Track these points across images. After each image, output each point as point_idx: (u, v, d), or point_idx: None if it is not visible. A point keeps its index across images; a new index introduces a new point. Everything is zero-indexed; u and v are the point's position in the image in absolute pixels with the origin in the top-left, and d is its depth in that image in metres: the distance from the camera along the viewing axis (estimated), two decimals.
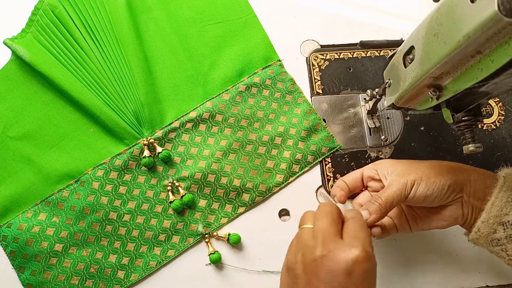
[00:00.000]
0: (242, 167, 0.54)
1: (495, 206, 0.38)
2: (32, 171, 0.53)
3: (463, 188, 0.40)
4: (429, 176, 0.40)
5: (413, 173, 0.40)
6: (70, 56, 0.56)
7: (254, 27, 0.61)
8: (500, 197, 0.38)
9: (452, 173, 0.40)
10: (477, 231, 0.39)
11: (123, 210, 0.52)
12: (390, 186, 0.40)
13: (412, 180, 0.40)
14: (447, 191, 0.39)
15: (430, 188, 0.39)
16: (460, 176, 0.40)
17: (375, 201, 0.40)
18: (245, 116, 0.56)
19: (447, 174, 0.40)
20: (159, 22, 0.60)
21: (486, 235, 0.39)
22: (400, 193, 0.39)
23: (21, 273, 0.50)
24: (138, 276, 0.50)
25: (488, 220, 0.38)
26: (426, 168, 0.40)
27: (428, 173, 0.40)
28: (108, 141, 0.54)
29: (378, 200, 0.40)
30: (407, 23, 0.62)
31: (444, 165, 0.41)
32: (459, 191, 0.40)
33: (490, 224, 0.38)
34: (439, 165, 0.41)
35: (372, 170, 0.45)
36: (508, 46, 0.27)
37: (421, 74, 0.37)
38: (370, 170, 0.45)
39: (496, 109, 0.58)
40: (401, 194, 0.39)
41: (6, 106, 0.55)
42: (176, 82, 0.57)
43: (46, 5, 0.57)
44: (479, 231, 0.39)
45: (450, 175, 0.40)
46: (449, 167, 0.41)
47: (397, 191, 0.40)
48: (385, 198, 0.40)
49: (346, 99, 0.58)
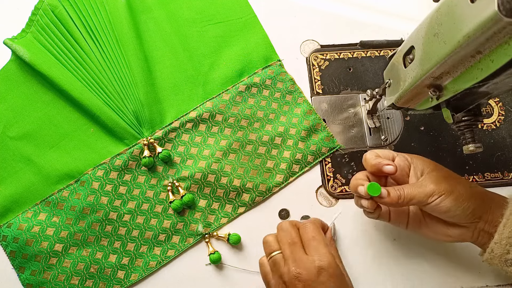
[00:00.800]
0: (242, 167, 0.54)
1: (507, 227, 0.38)
2: (32, 171, 0.53)
3: (482, 215, 0.40)
4: (460, 194, 0.39)
5: (446, 184, 0.39)
6: (70, 56, 0.56)
7: (254, 27, 0.61)
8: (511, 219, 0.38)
9: (479, 199, 0.40)
10: (491, 251, 0.39)
11: (123, 210, 0.52)
12: (418, 185, 0.40)
13: (442, 191, 0.39)
14: (469, 214, 0.39)
15: (454, 205, 0.39)
16: (485, 204, 0.40)
17: (398, 190, 0.40)
18: (245, 116, 0.56)
19: (476, 198, 0.40)
20: (159, 22, 0.60)
21: (499, 256, 0.39)
22: (424, 196, 0.39)
23: (21, 273, 0.50)
24: (138, 276, 0.50)
25: (500, 241, 0.39)
26: (460, 185, 0.40)
27: (460, 191, 0.39)
28: (108, 141, 0.54)
29: (401, 191, 0.40)
30: (407, 23, 0.62)
31: (475, 188, 0.41)
32: (478, 217, 0.40)
33: (503, 245, 0.39)
34: (471, 187, 0.41)
35: (405, 161, 0.44)
36: (508, 46, 0.27)
37: (421, 74, 0.37)
38: (404, 160, 0.44)
39: (496, 109, 0.58)
40: (424, 198, 0.39)
41: (6, 106, 0.55)
42: (176, 82, 0.57)
43: (46, 5, 0.57)
44: (493, 251, 0.39)
45: (478, 201, 0.40)
46: (479, 192, 0.41)
47: (422, 194, 0.39)
48: (407, 193, 0.40)
49: (346, 99, 0.58)
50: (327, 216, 0.51)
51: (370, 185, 0.41)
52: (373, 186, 0.40)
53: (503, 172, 0.55)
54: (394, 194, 0.40)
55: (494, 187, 0.55)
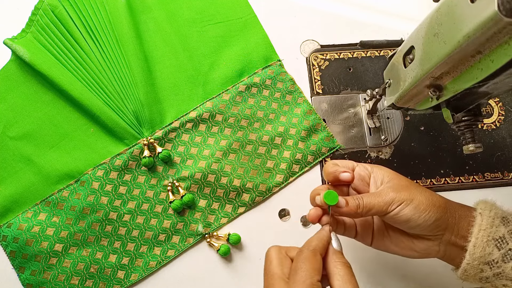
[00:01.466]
0: (242, 167, 0.54)
1: (477, 247, 0.37)
2: (32, 171, 0.53)
3: (447, 228, 0.38)
4: (420, 202, 0.37)
5: (406, 193, 0.38)
6: (70, 56, 0.56)
7: (254, 27, 0.61)
8: (480, 237, 0.37)
9: (442, 208, 0.38)
10: (464, 272, 0.38)
11: (123, 210, 0.52)
12: (378, 194, 0.38)
13: (401, 199, 0.37)
14: (432, 224, 0.37)
15: (415, 214, 0.37)
16: (448, 214, 0.38)
17: (357, 199, 0.38)
18: (245, 116, 0.56)
19: (438, 208, 0.38)
20: (159, 22, 0.60)
21: (473, 275, 0.38)
22: (383, 205, 0.37)
23: (21, 273, 0.50)
24: (138, 276, 0.50)
25: (472, 262, 0.37)
26: (421, 194, 0.38)
27: (420, 199, 0.38)
28: (108, 141, 0.54)
29: (359, 200, 0.38)
30: (407, 23, 0.62)
31: (438, 198, 0.39)
32: (443, 229, 0.38)
33: (476, 265, 0.37)
34: (433, 196, 0.39)
35: (365, 170, 0.42)
36: (508, 46, 0.27)
37: (421, 74, 0.37)
38: (364, 169, 0.42)
39: (496, 109, 0.58)
40: (383, 207, 0.37)
41: (6, 106, 0.55)
42: (176, 82, 0.57)
43: (46, 5, 0.57)
44: (466, 272, 0.38)
45: (441, 211, 0.38)
46: (441, 202, 0.39)
47: (382, 202, 0.37)
48: (366, 202, 0.38)
49: (346, 99, 0.58)
50: None
51: (327, 193, 0.37)
52: (330, 195, 0.37)
53: (503, 172, 0.55)
54: (353, 203, 0.37)
55: (494, 187, 0.55)
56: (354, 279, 0.34)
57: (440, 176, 0.55)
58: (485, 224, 0.37)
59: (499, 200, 0.40)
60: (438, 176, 0.55)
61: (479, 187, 0.55)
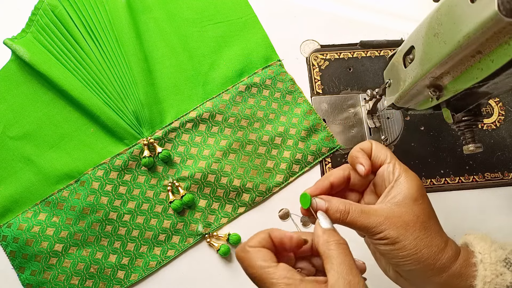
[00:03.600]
0: (242, 167, 0.54)
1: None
2: (32, 171, 0.53)
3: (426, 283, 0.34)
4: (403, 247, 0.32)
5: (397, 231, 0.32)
6: (70, 56, 0.56)
7: (254, 27, 0.61)
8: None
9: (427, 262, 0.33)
10: None
11: (123, 210, 0.52)
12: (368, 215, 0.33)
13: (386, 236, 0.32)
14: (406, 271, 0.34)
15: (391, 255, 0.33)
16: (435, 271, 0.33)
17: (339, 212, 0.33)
18: (245, 116, 0.56)
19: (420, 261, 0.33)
20: (159, 22, 0.60)
21: None
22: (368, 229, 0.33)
23: (21, 273, 0.50)
24: (138, 276, 0.50)
25: None
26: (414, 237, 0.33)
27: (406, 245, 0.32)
28: (108, 141, 0.54)
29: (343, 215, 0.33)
30: (407, 23, 0.62)
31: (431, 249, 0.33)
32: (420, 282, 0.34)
33: None
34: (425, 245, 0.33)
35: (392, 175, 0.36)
36: (508, 46, 0.27)
37: (421, 74, 0.37)
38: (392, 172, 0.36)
39: (496, 109, 0.58)
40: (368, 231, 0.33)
41: (6, 106, 0.55)
42: (176, 82, 0.57)
43: (46, 5, 0.57)
44: None
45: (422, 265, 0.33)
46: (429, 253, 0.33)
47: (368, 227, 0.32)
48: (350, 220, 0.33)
49: (346, 99, 0.58)
50: None
51: (302, 196, 0.34)
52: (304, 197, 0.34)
53: (503, 172, 0.55)
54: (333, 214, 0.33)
55: (494, 187, 0.55)
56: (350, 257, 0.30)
57: (440, 176, 0.55)
58: (490, 274, 0.33)
59: (499, 200, 0.40)
60: (438, 176, 0.55)
61: (479, 187, 0.55)
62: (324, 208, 0.33)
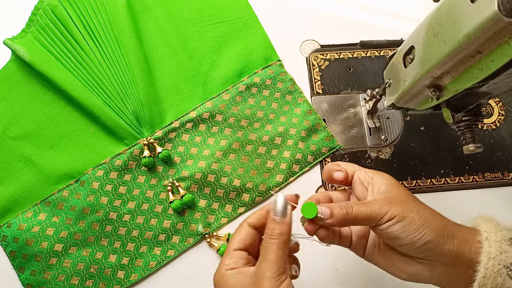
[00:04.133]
0: (242, 167, 0.54)
1: (488, 277, 0.34)
2: (32, 171, 0.53)
3: (441, 254, 0.35)
4: (413, 220, 0.34)
5: (400, 208, 0.35)
6: (70, 56, 0.56)
7: (254, 27, 0.61)
8: (490, 266, 0.34)
9: (438, 231, 0.35)
10: None
11: (123, 210, 0.52)
12: (369, 204, 0.35)
13: (393, 214, 0.34)
14: (421, 246, 0.34)
15: (404, 232, 0.34)
16: (445, 239, 0.35)
17: (344, 208, 0.35)
18: (245, 116, 0.56)
19: (432, 230, 0.34)
20: (159, 22, 0.60)
21: None
22: (374, 217, 0.34)
23: (21, 273, 0.50)
24: (138, 276, 0.50)
25: None
26: (417, 212, 0.35)
27: (414, 218, 0.34)
28: (108, 141, 0.54)
29: (348, 209, 0.35)
30: (407, 23, 0.62)
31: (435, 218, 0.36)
32: (434, 255, 0.35)
33: None
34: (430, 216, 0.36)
35: (365, 176, 0.39)
36: (508, 46, 0.27)
37: (421, 74, 0.37)
38: (364, 174, 0.39)
39: (496, 109, 0.58)
40: (373, 219, 0.34)
41: (6, 106, 0.55)
42: (176, 82, 0.57)
43: (46, 5, 0.57)
44: None
45: (435, 233, 0.34)
46: (439, 224, 0.35)
47: (372, 214, 0.34)
48: (355, 212, 0.34)
49: (346, 99, 0.58)
50: None
51: (305, 206, 0.33)
52: (308, 207, 0.33)
53: (503, 172, 0.55)
54: (339, 212, 0.34)
55: (494, 187, 0.55)
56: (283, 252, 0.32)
57: (440, 176, 0.55)
58: (494, 251, 0.34)
59: (499, 200, 0.40)
60: (438, 176, 0.55)
61: (479, 187, 0.55)
62: (328, 213, 0.34)
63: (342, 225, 0.36)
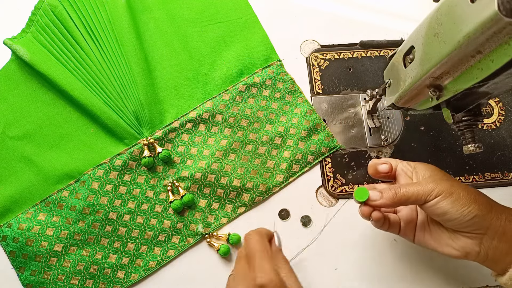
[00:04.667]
0: (242, 167, 0.54)
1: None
2: (32, 171, 0.53)
3: (489, 228, 0.37)
4: (460, 196, 0.37)
5: (447, 185, 0.37)
6: (70, 56, 0.56)
7: (254, 27, 0.61)
8: None
9: (484, 207, 0.37)
10: (510, 279, 0.36)
11: (123, 210, 0.52)
12: (416, 184, 0.38)
13: (441, 190, 0.37)
14: (470, 220, 0.36)
15: (452, 208, 0.36)
16: (493, 215, 0.37)
17: (393, 189, 0.38)
18: (245, 116, 0.56)
19: (480, 205, 0.37)
20: (159, 22, 0.60)
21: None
22: (422, 194, 0.37)
23: (21, 273, 0.50)
24: (138, 276, 0.50)
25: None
26: (462, 189, 0.37)
27: (462, 194, 0.37)
28: (108, 141, 0.54)
29: (396, 189, 0.38)
30: (407, 23, 0.62)
31: (481, 196, 0.38)
32: (483, 228, 0.37)
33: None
34: (476, 193, 0.38)
35: (408, 166, 0.42)
36: (508, 46, 0.27)
37: (421, 74, 0.37)
38: (407, 165, 0.43)
39: (496, 109, 0.58)
40: (422, 196, 0.37)
41: (6, 106, 0.55)
42: (176, 82, 0.57)
43: (46, 5, 0.57)
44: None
45: (482, 209, 0.37)
46: (485, 200, 0.38)
47: (420, 191, 0.37)
48: (404, 191, 0.37)
49: (346, 99, 0.58)
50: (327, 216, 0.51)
51: (358, 191, 0.39)
52: (360, 192, 0.39)
53: (503, 172, 0.55)
54: (388, 193, 0.38)
55: (494, 187, 0.55)
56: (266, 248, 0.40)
57: None
58: None
59: (499, 200, 0.40)
60: None
61: (479, 187, 0.55)
62: (378, 194, 0.38)
63: (393, 205, 0.39)
